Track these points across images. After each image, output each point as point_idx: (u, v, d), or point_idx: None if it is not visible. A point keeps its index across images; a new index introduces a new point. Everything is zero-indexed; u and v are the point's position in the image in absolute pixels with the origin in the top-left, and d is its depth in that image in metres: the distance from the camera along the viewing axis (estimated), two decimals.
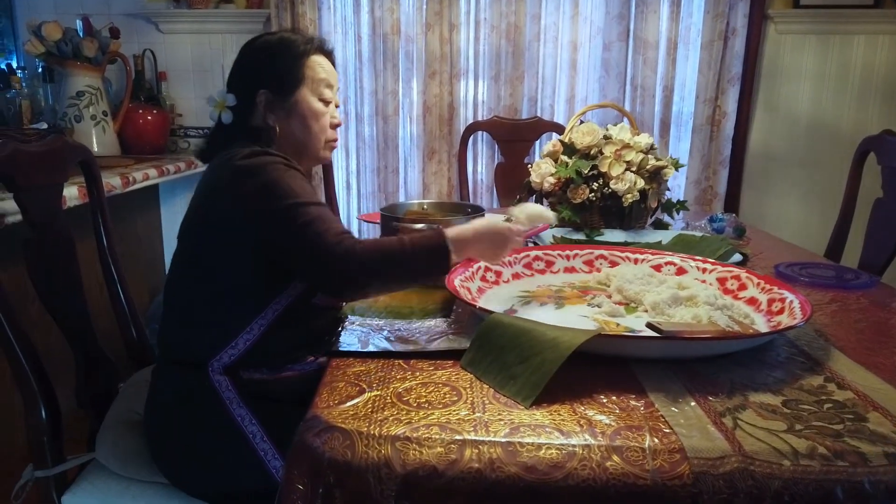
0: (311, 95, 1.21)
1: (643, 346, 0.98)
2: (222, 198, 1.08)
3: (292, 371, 1.15)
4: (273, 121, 1.20)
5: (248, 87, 1.19)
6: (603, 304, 1.22)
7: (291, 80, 1.19)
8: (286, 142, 1.21)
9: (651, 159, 1.77)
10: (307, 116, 1.21)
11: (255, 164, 1.07)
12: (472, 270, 1.32)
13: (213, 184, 1.11)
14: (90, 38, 2.38)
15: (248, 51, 1.23)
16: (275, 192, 1.04)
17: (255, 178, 1.05)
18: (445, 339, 1.07)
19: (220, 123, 1.20)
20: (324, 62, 1.24)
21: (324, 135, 1.25)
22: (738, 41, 2.59)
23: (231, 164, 1.08)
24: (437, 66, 2.68)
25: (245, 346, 1.09)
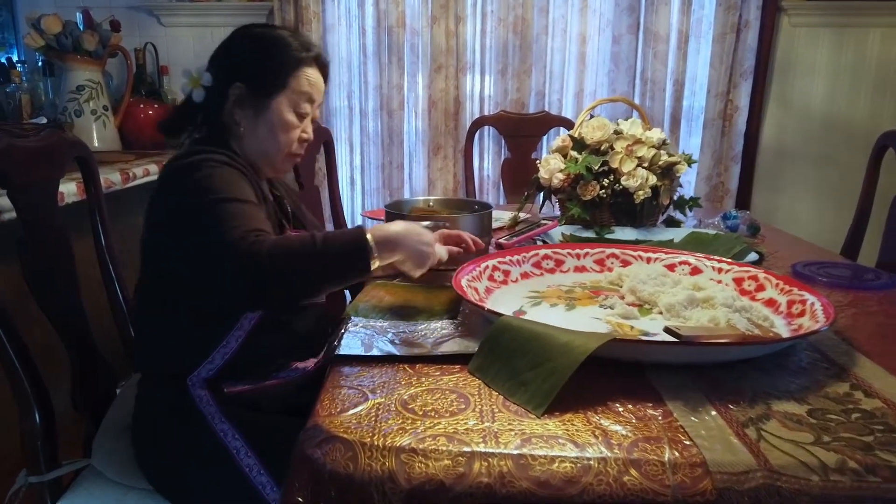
0: (286, 106, 1.14)
1: (660, 352, 0.93)
2: (164, 203, 1.04)
3: (277, 380, 1.11)
4: (240, 117, 1.13)
5: (227, 74, 1.13)
6: (615, 305, 1.18)
7: (272, 85, 1.13)
8: (248, 143, 1.15)
9: (663, 155, 1.73)
10: (276, 126, 1.14)
11: (189, 162, 1.02)
12: (479, 270, 1.28)
13: (157, 189, 1.07)
14: (90, 31, 2.34)
15: (240, 37, 1.17)
16: (199, 189, 0.98)
17: (187, 177, 1.00)
18: (452, 343, 1.02)
19: (189, 100, 1.15)
20: (314, 76, 1.17)
21: (288, 148, 1.17)
22: (751, 34, 2.53)
23: (169, 165, 1.04)
24: (442, 60, 2.63)
25: (223, 360, 1.06)
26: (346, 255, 0.95)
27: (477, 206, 1.60)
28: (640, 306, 1.19)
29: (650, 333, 1.06)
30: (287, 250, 0.91)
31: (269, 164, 1.19)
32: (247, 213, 0.96)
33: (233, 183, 1.01)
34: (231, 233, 0.91)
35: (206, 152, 1.04)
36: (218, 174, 1.00)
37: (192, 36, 2.73)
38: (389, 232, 1.00)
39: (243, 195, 1.00)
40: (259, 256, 0.89)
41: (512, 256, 1.37)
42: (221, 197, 0.97)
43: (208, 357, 1.05)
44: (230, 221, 0.93)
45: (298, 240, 0.94)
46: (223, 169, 1.02)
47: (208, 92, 1.13)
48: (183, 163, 1.03)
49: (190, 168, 1.02)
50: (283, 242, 0.92)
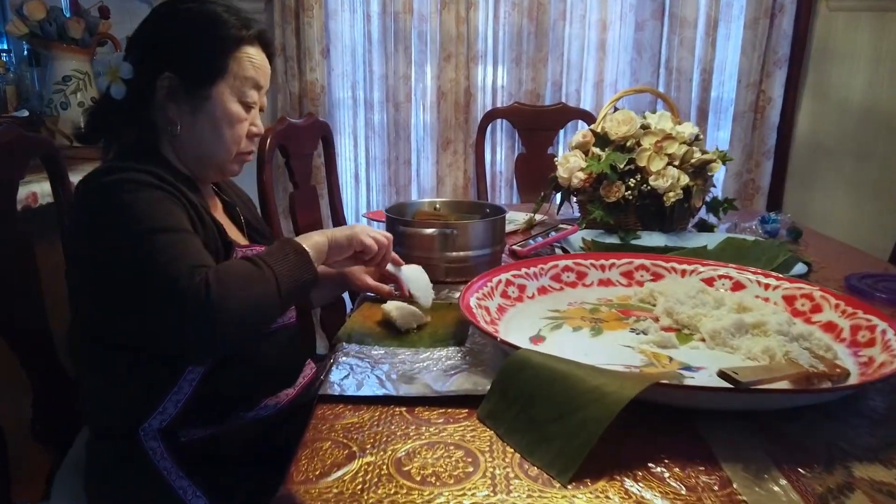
0: (229, 94, 0.97)
1: (714, 400, 0.77)
2: (82, 234, 0.87)
3: (244, 420, 0.96)
4: (174, 114, 0.96)
5: (152, 64, 0.95)
6: (649, 329, 1.02)
7: (209, 71, 0.95)
8: (186, 144, 0.98)
9: (696, 152, 1.55)
10: (219, 119, 0.96)
11: (103, 185, 0.85)
12: (490, 285, 1.12)
13: (72, 216, 0.91)
14: (77, 17, 2.19)
15: (164, 16, 0.98)
16: (121, 219, 0.82)
17: (104, 204, 0.84)
18: (460, 379, 0.87)
19: (108, 97, 0.97)
20: (258, 57, 0.99)
21: (236, 145, 1.00)
22: (786, 19, 2.34)
23: (82, 188, 0.88)
24: (452, 48, 2.46)
25: (177, 407, 0.91)
26: (293, 268, 0.85)
27: (489, 210, 1.44)
28: (678, 331, 1.03)
29: (693, 367, 0.90)
30: (235, 282, 0.78)
31: (214, 168, 1.02)
32: (182, 245, 0.81)
33: (159, 207, 0.84)
34: (167, 272, 0.77)
35: (122, 170, 0.87)
36: (141, 198, 0.84)
37: None
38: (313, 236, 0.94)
39: (174, 222, 0.84)
40: (206, 300, 0.75)
41: (528, 269, 1.21)
42: (149, 227, 0.81)
43: (158, 406, 0.90)
44: (163, 257, 0.78)
45: (241, 266, 0.81)
46: (145, 192, 0.85)
47: (130, 86, 0.95)
48: (96, 185, 0.86)
49: (105, 193, 0.85)
50: (228, 274, 0.78)
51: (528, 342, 0.99)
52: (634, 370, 0.89)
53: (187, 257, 0.79)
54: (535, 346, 0.97)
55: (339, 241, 0.94)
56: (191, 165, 1.00)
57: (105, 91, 0.97)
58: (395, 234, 1.32)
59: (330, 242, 0.93)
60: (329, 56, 2.48)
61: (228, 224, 1.08)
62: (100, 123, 1.01)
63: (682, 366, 0.91)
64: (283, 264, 0.83)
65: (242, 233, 1.10)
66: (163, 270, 0.77)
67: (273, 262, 0.83)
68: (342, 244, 0.95)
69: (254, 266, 0.81)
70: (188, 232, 0.85)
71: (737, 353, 0.94)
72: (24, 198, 1.50)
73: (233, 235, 1.02)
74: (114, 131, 1.01)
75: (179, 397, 0.91)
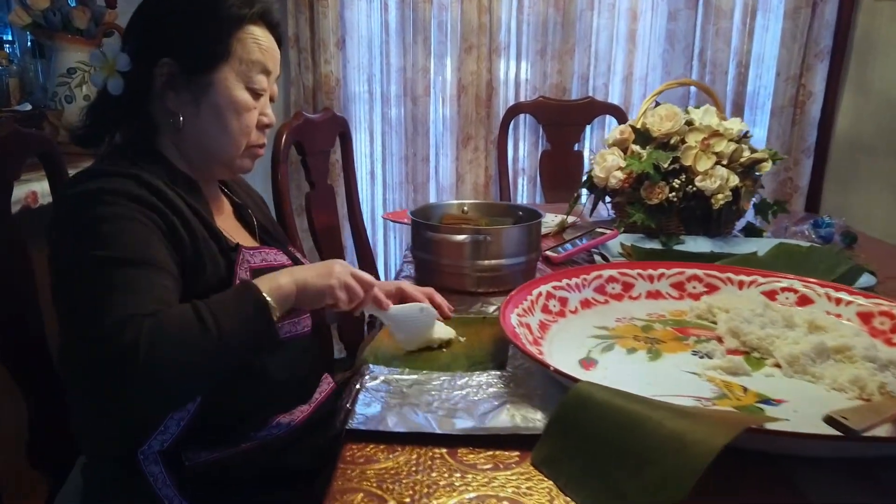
0: (235, 80, 0.87)
1: (819, 448, 0.65)
2: (55, 245, 0.79)
3: (255, 441, 0.86)
4: (174, 105, 0.87)
5: (149, 50, 0.86)
6: (715, 353, 0.90)
7: (210, 53, 0.86)
8: (190, 139, 0.89)
9: (745, 150, 1.43)
10: (224, 109, 0.87)
11: (79, 193, 0.77)
12: (530, 299, 1.01)
13: (50, 222, 0.81)
14: (82, 7, 2.10)
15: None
16: (81, 239, 0.74)
17: (74, 216, 0.76)
18: (505, 412, 0.76)
19: (104, 93, 0.88)
20: (264, 38, 0.90)
21: (245, 137, 0.90)
22: (829, 8, 2.20)
23: (62, 193, 0.81)
24: (474, 40, 2.34)
25: (179, 426, 0.81)
26: (246, 323, 0.74)
27: (521, 214, 1.32)
28: (747, 353, 0.91)
29: (772, 400, 0.79)
30: (170, 342, 0.68)
31: (222, 163, 0.92)
32: (136, 285, 0.72)
33: (131, 231, 0.75)
34: (102, 318, 0.68)
35: (105, 176, 0.77)
36: (113, 217, 0.75)
37: None
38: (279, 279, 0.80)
39: (140, 251, 0.74)
40: (131, 362, 0.66)
41: (570, 280, 1.10)
42: (107, 255, 0.72)
43: (159, 426, 0.80)
44: (109, 299, 0.69)
45: (183, 322, 0.70)
46: (122, 206, 0.76)
47: (128, 79, 0.86)
48: (72, 193, 0.77)
49: (78, 203, 0.76)
50: (164, 331, 0.69)
51: (578, 366, 0.87)
52: (706, 403, 0.78)
53: (128, 305, 0.69)
54: (587, 371, 0.86)
55: (310, 293, 0.81)
56: (195, 163, 0.91)
57: (101, 87, 0.87)
58: (421, 239, 1.21)
59: (299, 291, 0.80)
60: (344, 47, 2.37)
61: (236, 227, 0.98)
62: (99, 123, 0.91)
63: (759, 398, 0.79)
64: (234, 319, 0.72)
65: (254, 236, 1.00)
66: (94, 320, 0.68)
67: (223, 316, 0.72)
68: (312, 296, 0.82)
69: (198, 321, 0.70)
70: (152, 266, 0.75)
71: (819, 382, 0.83)
72: (22, 197, 1.40)
73: (240, 238, 0.92)
74: (112, 131, 0.91)
75: (182, 415, 0.81)
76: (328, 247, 1.61)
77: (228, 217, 0.99)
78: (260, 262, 0.89)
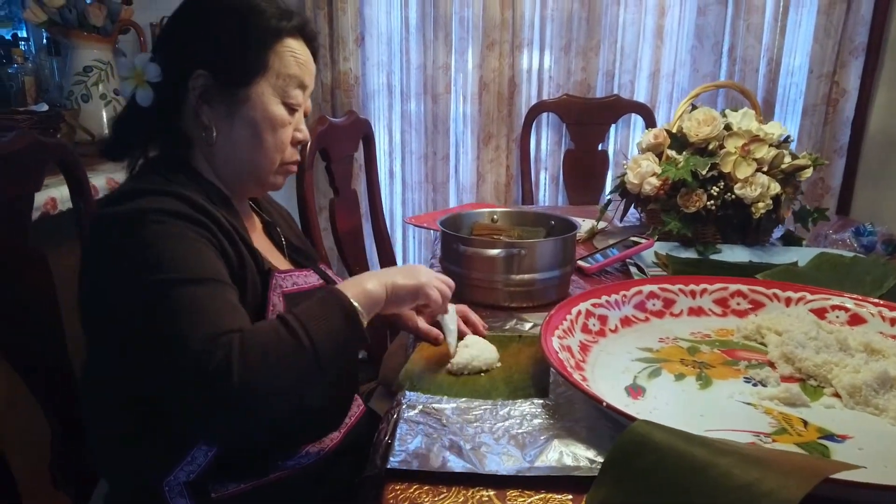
0: (271, 94, 0.84)
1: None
2: (96, 272, 0.75)
3: (284, 470, 0.83)
4: (208, 118, 0.83)
5: (182, 61, 0.83)
6: (769, 380, 0.86)
7: (247, 67, 0.82)
8: (223, 154, 0.85)
9: (786, 156, 1.38)
10: (259, 124, 0.84)
11: (122, 215, 0.72)
12: (570, 319, 0.97)
13: (87, 248, 0.78)
14: (98, 4, 2.06)
15: (191, 8, 0.86)
16: (139, 263, 0.69)
17: (122, 240, 0.71)
18: (552, 448, 0.72)
19: (133, 105, 0.84)
20: (301, 52, 0.87)
21: (279, 154, 0.87)
22: (865, 4, 2.13)
23: (99, 215, 0.75)
24: (496, 35, 2.28)
25: (207, 457, 0.77)
26: (337, 333, 0.72)
27: (553, 223, 1.28)
28: (802, 381, 0.87)
29: (836, 436, 0.74)
30: (263, 359, 0.65)
31: (254, 180, 0.89)
32: (205, 304, 0.68)
33: (185, 249, 0.71)
34: (186, 341, 0.64)
35: (143, 194, 0.74)
36: (164, 236, 0.71)
37: None
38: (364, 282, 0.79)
39: (202, 268, 0.71)
40: (225, 384, 0.62)
41: (608, 296, 1.05)
42: (171, 277, 0.68)
43: (186, 456, 0.77)
44: (186, 320, 0.66)
45: (272, 336, 0.67)
46: (169, 226, 0.72)
47: (158, 90, 0.83)
48: (112, 216, 0.73)
49: (124, 226, 0.71)
50: (255, 347, 0.65)
51: (625, 394, 0.83)
52: (765, 439, 0.73)
53: (207, 324, 0.66)
54: (636, 400, 0.82)
55: (401, 296, 0.80)
56: (227, 179, 0.87)
57: (130, 98, 0.83)
58: (451, 252, 1.17)
59: (388, 295, 0.78)
60: (363, 44, 2.32)
61: (268, 247, 0.94)
62: (127, 136, 0.87)
63: (821, 433, 0.75)
64: (325, 329, 0.69)
65: (283, 254, 0.96)
66: (177, 343, 0.64)
67: (312, 327, 0.69)
68: (404, 298, 0.81)
69: (288, 333, 0.67)
70: (217, 281, 0.71)
71: (883, 415, 0.78)
72: (41, 204, 1.37)
73: (272, 260, 0.88)
74: (141, 144, 0.87)
75: (210, 446, 0.78)
76: (350, 251, 1.57)
77: (260, 235, 0.95)
78: (291, 287, 0.85)
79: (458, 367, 0.90)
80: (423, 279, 0.84)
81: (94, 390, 0.82)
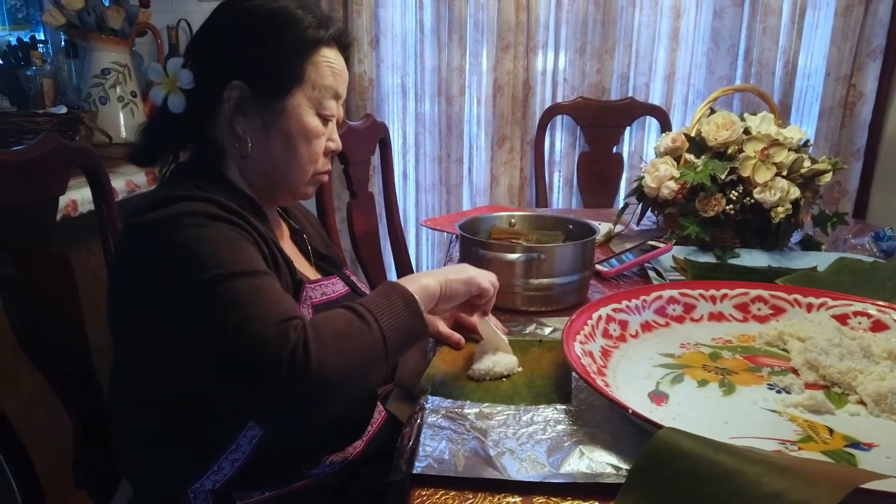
0: (307, 105, 0.83)
1: None
2: (132, 277, 0.74)
3: (308, 478, 0.83)
4: (243, 129, 0.83)
5: (218, 71, 0.82)
6: (792, 387, 0.85)
7: (285, 78, 0.82)
8: (255, 164, 0.85)
9: (806, 160, 1.37)
10: (294, 135, 0.83)
11: (158, 221, 0.71)
12: (591, 324, 0.97)
13: (118, 254, 0.79)
14: (116, 6, 2.07)
15: (228, 17, 0.84)
16: (183, 262, 0.68)
17: (161, 243, 0.70)
18: (577, 454, 0.72)
19: (164, 111, 0.83)
20: (336, 61, 0.86)
21: (313, 165, 0.87)
22: (883, 6, 2.11)
23: (131, 222, 0.74)
24: (511, 38, 2.29)
25: (234, 467, 0.77)
26: (402, 322, 0.72)
27: (571, 227, 1.28)
28: (826, 388, 0.86)
29: (862, 444, 0.74)
30: (337, 342, 0.65)
31: (286, 190, 0.89)
32: (264, 293, 0.67)
33: (229, 246, 0.71)
34: (252, 332, 0.63)
35: (178, 200, 0.73)
36: (206, 236, 0.70)
37: None
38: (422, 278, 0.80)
39: (249, 262, 0.70)
40: (305, 367, 0.62)
41: (629, 301, 1.05)
42: (220, 272, 0.67)
43: (212, 466, 0.77)
44: (244, 312, 0.65)
45: (342, 321, 0.67)
46: (209, 227, 0.71)
47: (190, 97, 0.82)
48: (148, 222, 0.72)
49: (161, 231, 0.70)
50: (327, 330, 0.65)
51: (648, 400, 0.83)
52: (791, 447, 0.73)
53: (273, 309, 0.65)
54: (659, 406, 0.82)
55: (455, 289, 0.81)
56: (259, 188, 0.87)
57: (161, 104, 0.83)
58: (470, 256, 1.17)
59: (443, 290, 0.79)
60: (378, 46, 2.33)
61: (296, 254, 0.94)
62: (156, 142, 0.87)
63: (847, 441, 0.74)
64: (391, 317, 0.70)
65: (310, 262, 0.96)
66: (246, 330, 0.63)
67: (380, 314, 0.69)
68: (458, 291, 0.81)
69: (358, 319, 0.68)
70: (267, 274, 0.71)
71: None
72: (62, 206, 1.38)
73: (301, 269, 0.89)
74: (172, 150, 0.87)
75: (237, 456, 0.78)
76: (367, 253, 1.57)
77: (288, 243, 0.95)
78: (320, 297, 0.86)
79: (480, 373, 0.90)
80: (472, 272, 0.85)
81: (123, 396, 0.82)
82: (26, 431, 0.96)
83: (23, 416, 1.34)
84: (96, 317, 1.05)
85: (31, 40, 2.41)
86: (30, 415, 1.35)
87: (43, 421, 1.27)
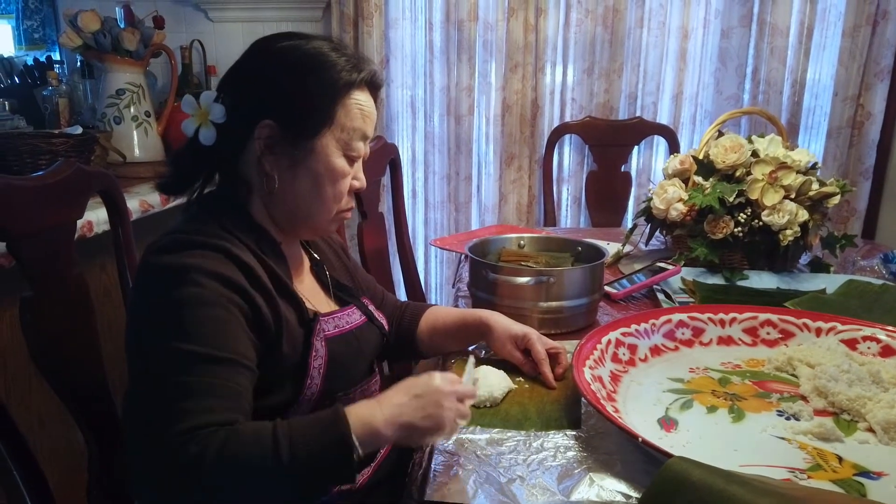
0: (335, 147, 0.84)
1: None
2: (132, 305, 0.79)
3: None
4: (270, 167, 0.84)
5: (250, 108, 0.83)
6: (802, 413, 0.86)
7: (315, 120, 0.83)
8: (281, 202, 0.86)
9: (814, 183, 1.38)
10: (321, 175, 0.84)
11: (168, 267, 0.74)
12: (600, 349, 0.98)
13: (134, 281, 0.81)
14: (131, 28, 2.11)
15: (263, 56, 0.86)
16: (165, 323, 0.72)
17: (158, 291, 0.74)
18: (587, 482, 0.73)
19: (195, 143, 0.84)
20: (367, 103, 0.87)
21: (337, 204, 0.88)
22: (891, 27, 2.12)
23: (147, 256, 0.77)
24: (519, 58, 2.31)
25: None
26: (323, 465, 0.68)
27: (580, 249, 1.29)
28: (835, 415, 0.87)
29: (871, 473, 0.74)
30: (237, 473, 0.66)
31: (309, 227, 0.90)
32: (211, 387, 0.69)
33: (215, 321, 0.72)
34: (171, 422, 0.66)
35: (195, 246, 0.75)
36: (196, 300, 0.72)
37: (242, 32, 2.48)
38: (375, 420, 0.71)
39: (223, 346, 0.72)
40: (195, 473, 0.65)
41: (638, 325, 1.06)
42: (185, 348, 0.70)
43: None
44: (179, 401, 0.68)
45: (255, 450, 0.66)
46: (207, 290, 0.73)
47: (221, 131, 0.83)
48: (159, 265, 0.75)
49: (165, 279, 0.74)
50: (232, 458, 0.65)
51: (657, 426, 0.84)
52: (800, 476, 0.73)
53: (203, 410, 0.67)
54: (669, 433, 0.82)
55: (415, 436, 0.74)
56: (282, 225, 0.88)
57: (192, 135, 0.85)
58: (480, 279, 1.18)
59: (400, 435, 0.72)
60: (388, 66, 2.36)
61: (314, 287, 0.95)
62: (186, 173, 0.88)
63: (856, 469, 0.75)
64: (312, 450, 0.67)
65: (328, 293, 0.97)
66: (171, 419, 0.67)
67: (301, 446, 0.67)
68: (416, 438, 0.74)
69: (272, 446, 0.66)
70: (234, 363, 0.72)
71: None
72: (79, 227, 1.40)
73: (316, 302, 0.90)
74: (199, 181, 0.89)
75: None
76: (377, 272, 1.59)
77: (307, 276, 0.96)
78: (334, 330, 0.87)
79: (480, 401, 0.91)
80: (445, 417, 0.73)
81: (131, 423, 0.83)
82: (40, 448, 0.97)
83: (35, 433, 1.35)
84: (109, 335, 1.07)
85: (47, 60, 2.45)
86: (42, 432, 1.37)
87: (57, 438, 1.29)
